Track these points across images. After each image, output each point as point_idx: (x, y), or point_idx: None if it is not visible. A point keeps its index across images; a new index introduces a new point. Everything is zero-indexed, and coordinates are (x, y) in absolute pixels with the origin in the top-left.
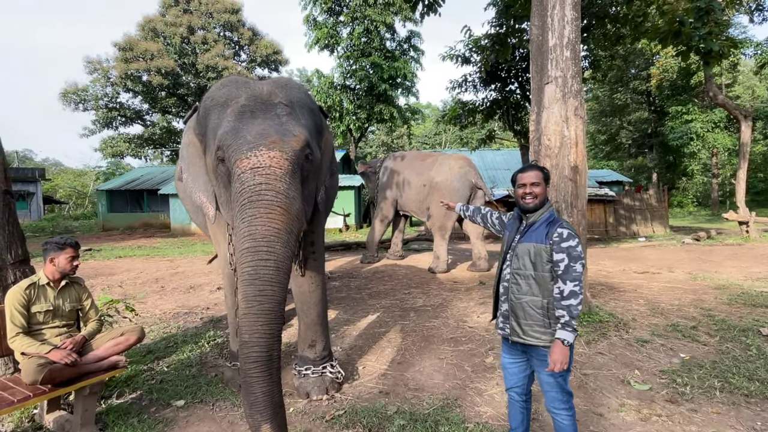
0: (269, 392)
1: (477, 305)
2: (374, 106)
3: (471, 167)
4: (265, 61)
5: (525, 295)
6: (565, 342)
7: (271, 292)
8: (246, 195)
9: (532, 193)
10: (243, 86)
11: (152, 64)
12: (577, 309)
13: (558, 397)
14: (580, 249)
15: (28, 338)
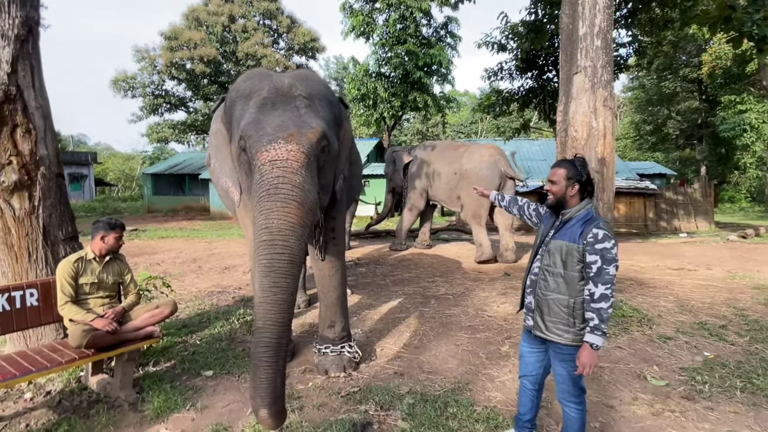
0: (272, 379)
1: (498, 295)
2: (408, 93)
3: (501, 156)
4: (302, 48)
5: (552, 293)
6: (594, 346)
7: (284, 283)
8: (264, 187)
9: (550, 191)
10: (266, 79)
11: (195, 53)
12: (607, 312)
13: (570, 391)
14: (615, 251)
15: (76, 307)
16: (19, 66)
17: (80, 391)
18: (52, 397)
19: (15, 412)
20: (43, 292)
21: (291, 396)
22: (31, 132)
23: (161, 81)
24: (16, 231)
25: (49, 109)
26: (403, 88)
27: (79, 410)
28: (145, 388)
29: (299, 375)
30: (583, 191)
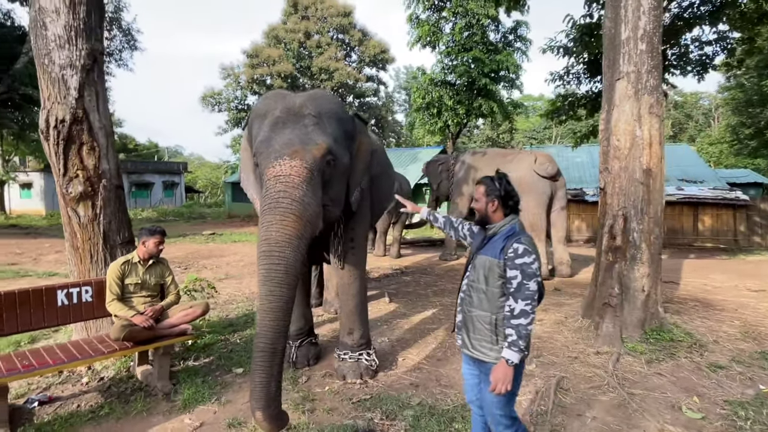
0: (266, 383)
1: (539, 312)
2: (474, 101)
3: (551, 164)
4: (372, 60)
5: (475, 309)
6: (509, 362)
7: (279, 292)
8: (267, 201)
9: (475, 208)
10: (280, 99)
11: (273, 69)
12: (527, 329)
13: (501, 421)
14: (536, 266)
15: (120, 304)
16: (85, 92)
17: (127, 379)
18: (103, 383)
19: (71, 393)
20: (97, 289)
21: (306, 398)
22: (95, 149)
23: (244, 96)
24: (81, 236)
25: (112, 128)
26: (468, 95)
27: (122, 396)
28: (180, 381)
29: (319, 378)
30: (505, 207)
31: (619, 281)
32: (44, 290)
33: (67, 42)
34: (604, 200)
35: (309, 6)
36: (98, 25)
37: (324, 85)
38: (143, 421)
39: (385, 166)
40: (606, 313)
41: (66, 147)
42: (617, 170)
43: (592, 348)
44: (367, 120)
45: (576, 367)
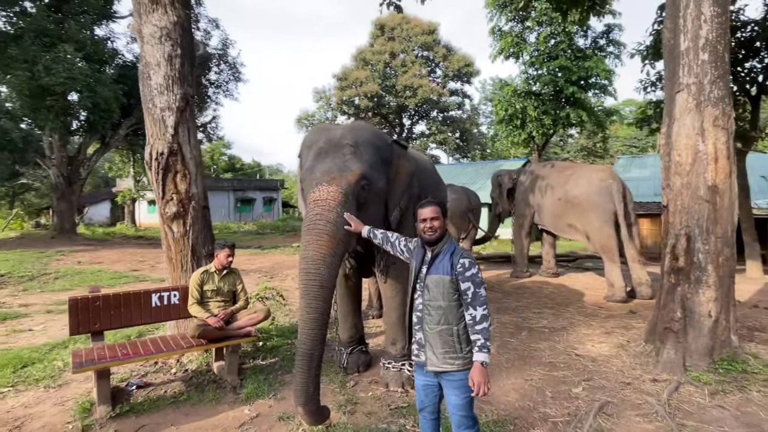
0: (306, 383)
1: (602, 334)
2: (561, 110)
3: (614, 180)
4: (457, 74)
5: (438, 325)
6: (484, 363)
7: (315, 305)
8: (306, 223)
9: (433, 227)
10: (324, 132)
11: (361, 90)
12: (488, 331)
13: (464, 422)
14: (480, 275)
15: (199, 307)
16: (179, 129)
17: (206, 372)
18: (187, 374)
19: (162, 381)
20: (182, 294)
21: (350, 401)
22: (187, 176)
23: (334, 116)
24: (174, 248)
25: (200, 158)
26: (554, 105)
27: (199, 386)
28: (247, 376)
29: (366, 384)
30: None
31: (681, 305)
32: (142, 294)
33: (166, 89)
34: (667, 218)
35: (395, 27)
36: (189, 73)
37: (408, 101)
38: (212, 409)
39: (432, 185)
40: (667, 338)
41: (164, 175)
42: (679, 187)
43: (650, 375)
44: (406, 144)
45: (626, 393)
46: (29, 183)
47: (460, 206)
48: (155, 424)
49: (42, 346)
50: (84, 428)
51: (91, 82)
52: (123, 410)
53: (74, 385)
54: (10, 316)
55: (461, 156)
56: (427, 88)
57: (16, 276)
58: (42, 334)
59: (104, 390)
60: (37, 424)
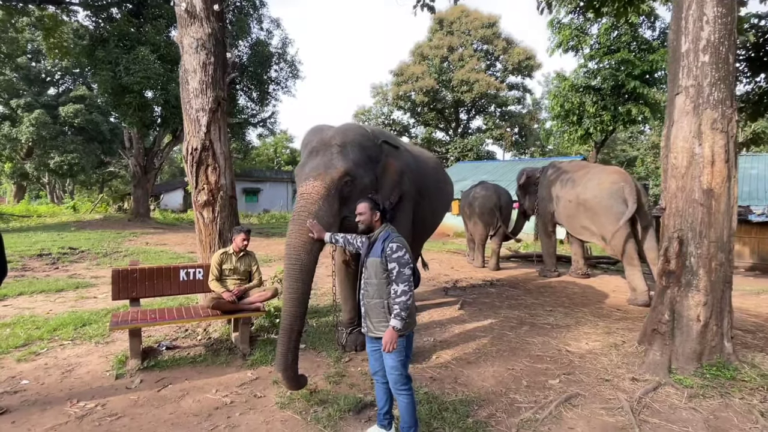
0: (285, 353)
1: (602, 333)
2: (620, 106)
3: (626, 182)
4: (517, 68)
5: (372, 299)
6: (395, 328)
7: (296, 286)
8: (293, 213)
9: (360, 220)
10: (318, 132)
11: (416, 85)
12: (407, 304)
13: (399, 380)
14: (407, 257)
15: (217, 283)
16: (211, 127)
17: (225, 340)
18: (210, 341)
19: (188, 345)
20: (206, 271)
21: (339, 374)
22: (217, 169)
23: (390, 111)
24: (204, 232)
25: (230, 153)
26: (614, 100)
27: (217, 351)
28: (258, 347)
29: (359, 362)
30: (382, 217)
31: (670, 308)
32: (172, 269)
33: (201, 92)
34: (664, 221)
35: (454, 21)
36: (221, 78)
37: (464, 96)
38: (221, 370)
39: (432, 182)
40: (655, 340)
41: (197, 168)
42: (674, 190)
43: (632, 374)
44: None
45: (601, 389)
46: (115, 171)
47: (488, 203)
48: (173, 377)
49: (101, 310)
50: (117, 376)
51: (164, 81)
52: (150, 365)
53: (119, 343)
54: (81, 285)
55: (519, 152)
56: (485, 82)
57: (93, 252)
58: (103, 301)
59: (135, 347)
60: (84, 369)
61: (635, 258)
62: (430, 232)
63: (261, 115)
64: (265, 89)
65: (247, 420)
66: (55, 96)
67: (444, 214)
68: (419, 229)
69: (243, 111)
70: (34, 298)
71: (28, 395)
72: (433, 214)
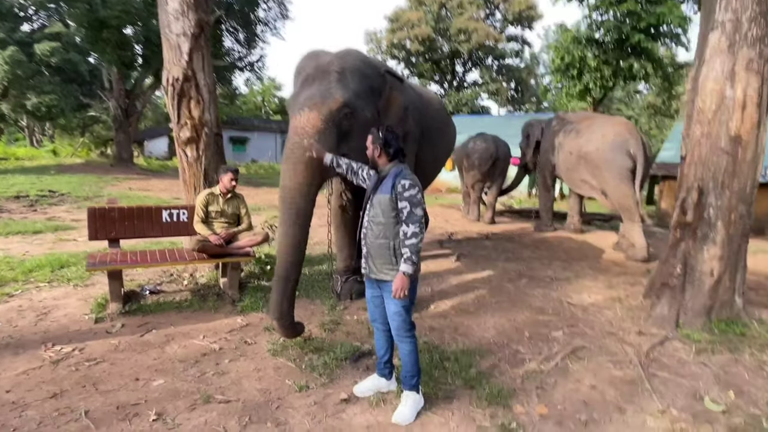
0: (280, 302)
1: (603, 287)
2: (623, 60)
3: (632, 135)
4: (517, 18)
5: (377, 239)
6: (406, 273)
7: (291, 232)
8: (285, 151)
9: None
10: (314, 58)
11: (412, 33)
12: (417, 246)
13: (402, 326)
14: (419, 196)
15: (203, 225)
16: (194, 55)
17: (213, 286)
18: (197, 286)
19: (173, 290)
20: (190, 213)
21: (334, 322)
22: (200, 102)
23: (384, 60)
24: (188, 171)
25: (214, 86)
26: (617, 54)
27: (204, 297)
28: (248, 293)
29: (354, 310)
30: (387, 153)
31: (683, 261)
32: (153, 209)
33: (181, 14)
34: (683, 171)
35: None
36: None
37: (462, 47)
38: (209, 316)
39: (437, 122)
40: (663, 293)
41: (179, 100)
42: (698, 136)
43: (638, 328)
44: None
45: (606, 342)
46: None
47: (486, 154)
48: (157, 322)
49: (80, 253)
50: (97, 320)
51: (144, 17)
52: (132, 309)
53: (98, 286)
54: (60, 228)
55: (515, 108)
56: (483, 32)
57: (74, 195)
58: (83, 244)
59: (116, 289)
60: (61, 312)
61: (636, 214)
62: (431, 179)
63: (248, 58)
64: (252, 30)
65: (237, 367)
66: (29, 33)
67: (446, 160)
68: (419, 175)
69: (229, 53)
70: (10, 239)
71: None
72: (435, 159)
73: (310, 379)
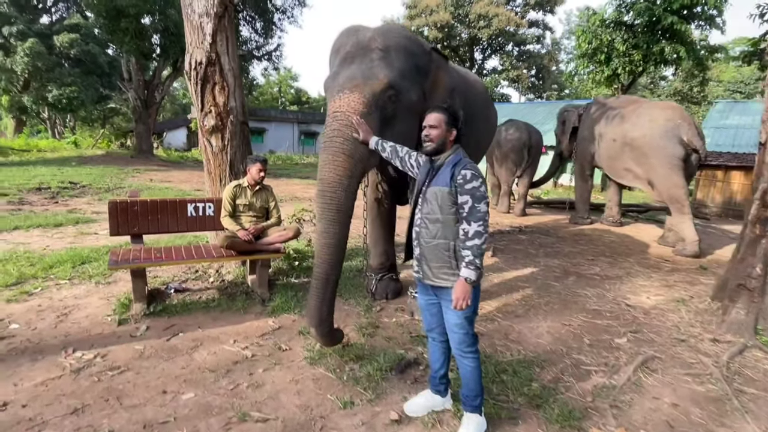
0: (319, 306)
1: (661, 287)
2: (655, 44)
3: (684, 120)
4: (539, 3)
5: (434, 239)
6: (468, 280)
7: (332, 230)
8: (324, 140)
9: (428, 135)
10: (353, 34)
11: (430, 19)
12: (480, 249)
13: (465, 340)
14: (483, 189)
15: (230, 219)
16: (218, 37)
17: (241, 283)
18: (224, 283)
19: (199, 288)
20: (217, 206)
21: (372, 324)
22: (225, 88)
23: None
24: (213, 162)
25: (239, 70)
26: (647, 37)
27: (232, 296)
28: (278, 291)
29: (391, 311)
30: (457, 139)
31: (763, 260)
32: (178, 202)
33: None
34: (762, 158)
35: None
36: None
37: (481, 33)
38: (239, 317)
39: (481, 106)
40: (739, 296)
41: (203, 86)
42: None
43: (711, 334)
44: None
45: (678, 351)
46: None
47: (519, 143)
48: (184, 324)
49: (102, 247)
50: (120, 321)
51: (162, 5)
52: (157, 309)
53: (121, 283)
54: (81, 221)
55: (535, 95)
56: (504, 17)
57: (95, 187)
58: (105, 238)
59: (140, 289)
60: (82, 313)
61: (687, 206)
62: None
63: (266, 47)
64: (269, 18)
65: (272, 377)
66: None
67: (487, 148)
68: None
69: (246, 43)
70: (31, 233)
71: (17, 342)
72: (478, 147)
73: (354, 394)
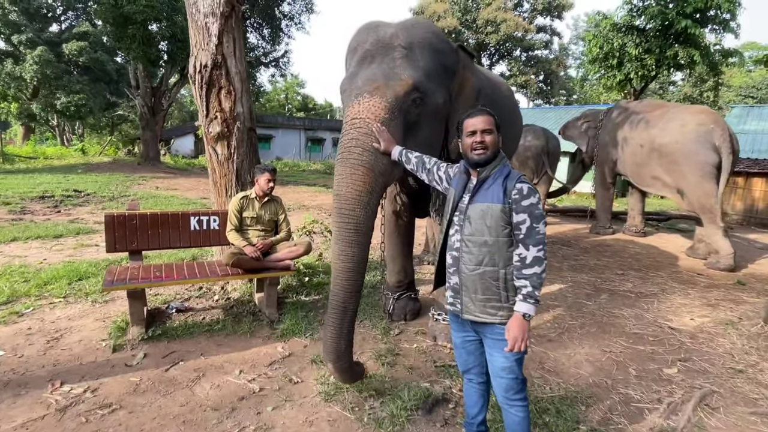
0: (337, 338)
1: (703, 306)
2: (668, 48)
3: (717, 124)
4: (546, 8)
5: (480, 266)
6: (527, 316)
7: (350, 252)
8: (340, 150)
9: (483, 143)
10: (373, 31)
11: (438, 25)
12: (541, 278)
13: (512, 386)
14: (541, 207)
15: (237, 234)
16: (224, 38)
17: (247, 302)
18: (229, 302)
19: (202, 307)
20: (222, 220)
21: (391, 351)
22: (232, 93)
23: None
24: (219, 172)
25: (246, 74)
26: (660, 42)
27: (237, 316)
28: (287, 311)
29: (411, 335)
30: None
31: None
32: (180, 215)
33: None
34: None
35: None
36: None
37: (489, 38)
38: (245, 341)
39: (508, 110)
40: None
41: (208, 90)
42: None
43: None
44: (474, 54)
45: (737, 383)
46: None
47: (537, 148)
48: (185, 351)
49: (101, 261)
50: (115, 348)
51: (169, 11)
52: (156, 333)
53: (120, 302)
54: (82, 231)
55: (544, 101)
56: (512, 23)
57: (99, 195)
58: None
59: (137, 311)
60: (75, 338)
61: (719, 216)
62: None
63: (273, 54)
64: (277, 25)
65: (282, 418)
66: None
67: (512, 154)
68: None
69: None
70: (29, 244)
71: (0, 372)
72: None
73: None
